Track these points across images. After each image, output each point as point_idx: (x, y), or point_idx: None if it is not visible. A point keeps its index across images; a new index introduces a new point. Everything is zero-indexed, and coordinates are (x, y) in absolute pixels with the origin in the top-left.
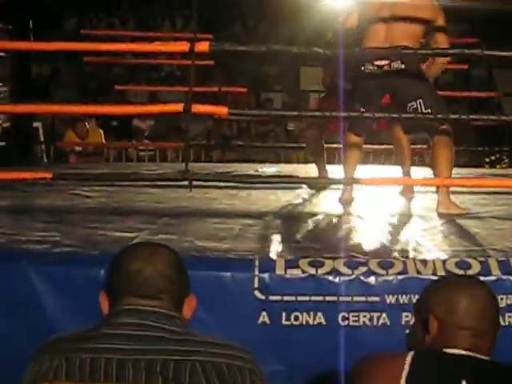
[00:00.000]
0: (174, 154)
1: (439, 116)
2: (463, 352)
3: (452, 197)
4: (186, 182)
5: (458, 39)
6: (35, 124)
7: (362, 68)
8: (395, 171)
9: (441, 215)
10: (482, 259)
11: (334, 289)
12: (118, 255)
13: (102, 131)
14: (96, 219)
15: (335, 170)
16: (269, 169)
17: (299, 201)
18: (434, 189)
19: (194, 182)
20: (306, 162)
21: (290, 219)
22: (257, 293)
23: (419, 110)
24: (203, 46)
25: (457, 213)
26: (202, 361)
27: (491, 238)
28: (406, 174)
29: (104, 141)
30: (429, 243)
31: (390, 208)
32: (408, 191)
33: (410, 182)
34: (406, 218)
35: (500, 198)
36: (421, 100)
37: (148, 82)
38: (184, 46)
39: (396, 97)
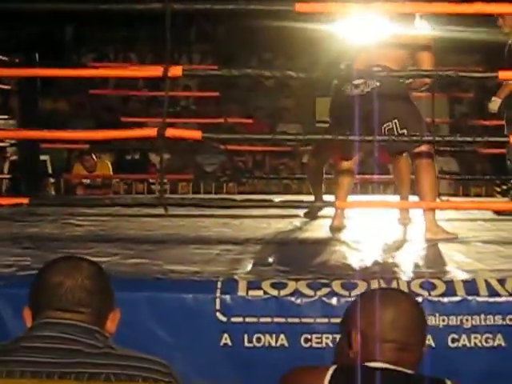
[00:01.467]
0: (186, 187)
1: (415, 138)
2: (385, 365)
3: (446, 223)
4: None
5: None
6: (43, 157)
7: (342, 89)
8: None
9: (428, 240)
10: (447, 279)
11: (297, 310)
12: (40, 270)
13: (109, 164)
14: (76, 246)
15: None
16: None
17: (289, 228)
18: None
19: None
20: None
21: (270, 245)
22: (218, 314)
23: (394, 131)
24: (177, 71)
25: (444, 237)
26: (116, 373)
27: (468, 260)
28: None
29: (112, 173)
30: (401, 266)
31: (377, 234)
32: (404, 217)
33: (391, 205)
34: (388, 242)
35: (495, 224)
36: (396, 120)
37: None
38: (158, 71)
39: (373, 117)
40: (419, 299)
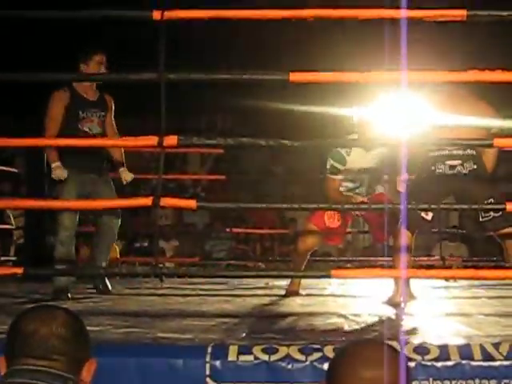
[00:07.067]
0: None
1: None
2: None
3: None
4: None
5: None
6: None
7: (433, 168)
8: None
9: None
10: (441, 344)
11: (288, 375)
12: (16, 318)
13: (117, 247)
14: None
15: None
16: (280, 282)
17: (290, 303)
18: None
19: None
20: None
21: (268, 318)
22: (208, 380)
23: (490, 210)
24: (172, 141)
25: None
26: None
27: (466, 328)
28: None
29: (119, 256)
30: (396, 331)
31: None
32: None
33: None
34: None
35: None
36: (492, 200)
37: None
38: (153, 141)
39: (463, 197)
40: (412, 364)
